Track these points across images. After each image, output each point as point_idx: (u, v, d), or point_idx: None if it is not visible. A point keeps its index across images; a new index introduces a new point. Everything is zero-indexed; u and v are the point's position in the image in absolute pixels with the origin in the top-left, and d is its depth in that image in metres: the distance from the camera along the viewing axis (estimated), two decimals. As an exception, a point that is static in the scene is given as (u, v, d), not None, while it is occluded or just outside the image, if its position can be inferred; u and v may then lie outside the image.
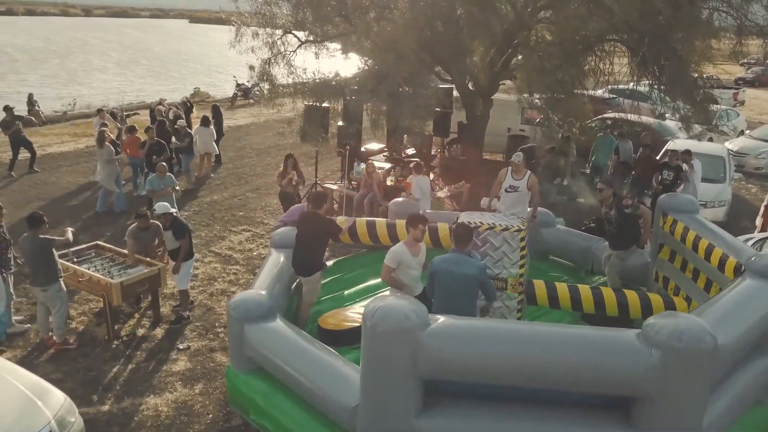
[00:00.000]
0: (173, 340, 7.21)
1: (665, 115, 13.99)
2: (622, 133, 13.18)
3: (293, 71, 11.29)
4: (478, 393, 4.45)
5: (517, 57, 11.78)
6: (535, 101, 11.61)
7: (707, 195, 10.82)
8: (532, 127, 13.29)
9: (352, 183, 11.89)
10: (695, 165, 10.60)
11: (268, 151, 16.46)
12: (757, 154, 15.71)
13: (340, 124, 11.77)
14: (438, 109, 13.42)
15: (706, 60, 9.70)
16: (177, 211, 7.79)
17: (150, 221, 7.57)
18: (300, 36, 11.77)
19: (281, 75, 11.47)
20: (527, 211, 7.86)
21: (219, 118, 15.19)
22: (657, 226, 7.18)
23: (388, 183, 11.33)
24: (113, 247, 8.03)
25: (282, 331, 5.33)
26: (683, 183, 10.42)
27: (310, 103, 11.16)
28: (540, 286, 6.54)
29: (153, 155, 10.89)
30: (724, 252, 5.90)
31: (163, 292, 8.00)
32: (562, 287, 6.59)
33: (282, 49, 11.50)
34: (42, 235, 6.60)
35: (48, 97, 26.01)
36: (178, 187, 10.52)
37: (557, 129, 12.29)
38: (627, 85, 12.62)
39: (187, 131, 13.28)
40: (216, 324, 7.57)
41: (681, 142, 12.67)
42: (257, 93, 23.68)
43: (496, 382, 4.25)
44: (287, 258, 6.84)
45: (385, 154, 13.22)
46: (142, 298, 7.81)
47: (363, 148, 13.00)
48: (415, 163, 10.10)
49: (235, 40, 11.44)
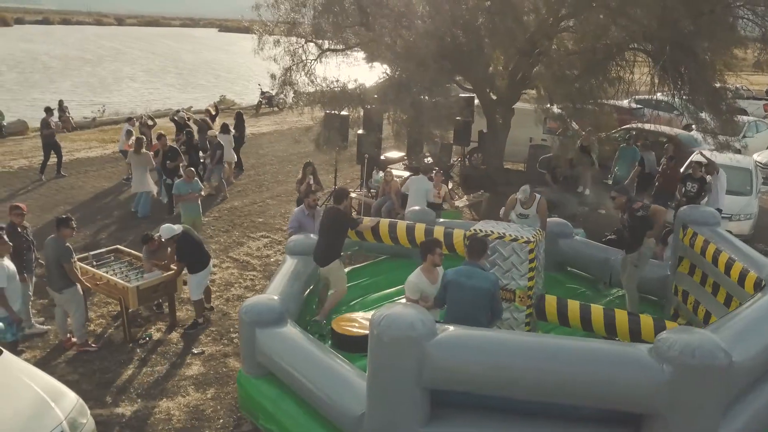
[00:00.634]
0: (188, 344, 7.28)
1: (692, 126, 13.77)
2: (645, 143, 12.98)
3: (313, 80, 11.37)
4: (486, 405, 4.40)
5: (538, 66, 11.71)
6: (556, 110, 11.53)
7: (733, 208, 10.58)
8: (554, 137, 13.19)
9: (371, 191, 11.93)
10: (720, 177, 10.38)
11: (290, 159, 16.59)
12: (788, 167, 15.32)
13: (360, 132, 11.83)
14: (459, 118, 13.41)
15: (730, 69, 9.51)
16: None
17: (156, 243, 7.58)
18: (321, 44, 11.87)
19: (302, 83, 11.57)
20: None
21: (241, 125, 15.36)
22: (677, 238, 7.04)
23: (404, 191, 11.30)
24: (132, 251, 8.15)
25: (292, 336, 5.35)
26: (707, 195, 10.21)
27: (329, 111, 11.23)
28: (551, 302, 6.36)
29: (167, 161, 11.06)
30: (744, 266, 5.75)
31: (180, 297, 8.08)
32: (574, 306, 6.28)
33: (303, 57, 11.61)
34: (67, 238, 6.74)
35: (79, 104, 26.66)
36: (203, 193, 10.65)
37: (576, 139, 12.19)
38: (652, 95, 12.48)
39: (219, 142, 13.32)
40: (231, 329, 7.62)
41: (706, 154, 12.42)
42: (281, 101, 23.89)
43: (502, 393, 4.19)
44: (302, 264, 6.90)
45: (405, 162, 13.21)
46: (162, 302, 7.89)
47: (382, 157, 13.03)
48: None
49: (258, 48, 11.59)
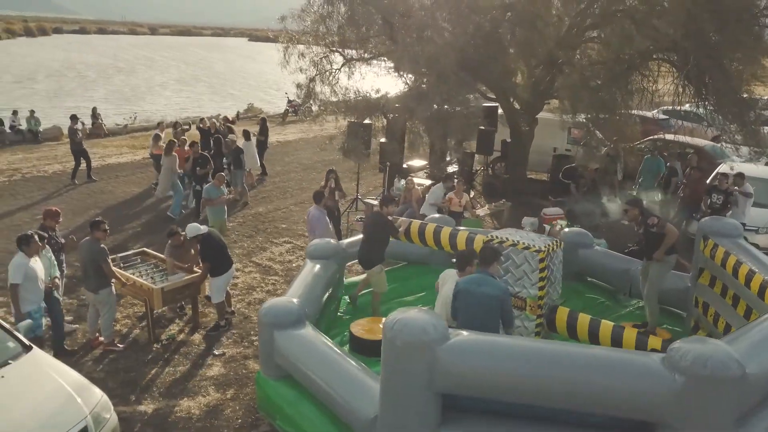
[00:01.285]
0: (210, 346, 7.44)
1: (721, 137, 13.61)
2: (672, 153, 12.87)
3: (337, 89, 11.56)
4: (498, 410, 4.44)
5: (561, 76, 11.73)
6: (579, 120, 11.51)
7: (759, 220, 10.41)
8: (578, 147, 13.15)
9: (394, 199, 12.03)
10: (747, 189, 10.24)
11: (314, 167, 16.80)
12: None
13: (382, 140, 11.96)
14: (482, 127, 13.46)
15: (757, 79, 9.40)
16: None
17: (182, 238, 7.79)
18: (345, 54, 12.07)
19: (326, 92, 11.77)
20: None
21: (265, 131, 15.66)
22: (697, 249, 6.98)
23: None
24: (158, 254, 8.38)
25: (309, 338, 5.45)
26: (732, 207, 10.07)
27: (352, 119, 11.40)
28: (562, 314, 6.32)
29: (197, 167, 11.34)
30: (765, 278, 5.69)
31: (203, 300, 8.27)
32: (584, 320, 6.17)
33: (327, 67, 11.80)
34: (101, 240, 6.99)
35: (111, 111, 27.40)
36: (231, 195, 10.90)
37: (601, 149, 12.14)
38: (678, 106, 12.37)
39: (238, 147, 13.66)
40: (251, 332, 7.76)
41: (733, 165, 12.25)
42: (306, 110, 24.22)
43: (512, 399, 4.23)
44: (321, 269, 7.03)
45: (427, 171, 13.30)
46: (184, 304, 8.09)
47: (405, 165, 13.14)
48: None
49: (284, 60, 11.83)
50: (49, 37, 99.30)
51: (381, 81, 12.19)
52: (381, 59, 12.27)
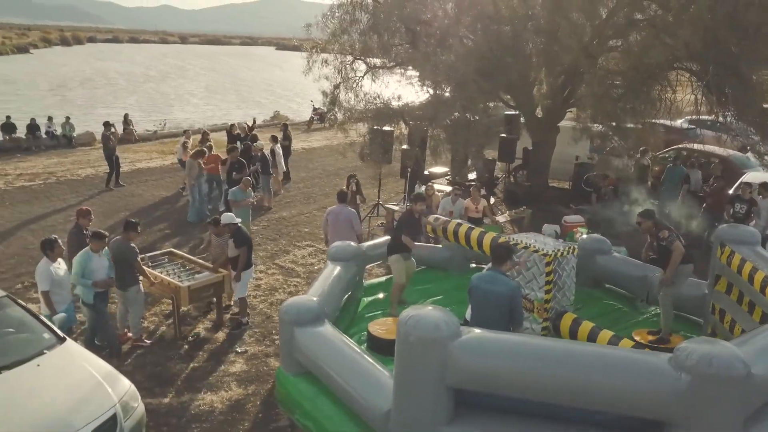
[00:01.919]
0: (233, 343, 7.69)
1: (747, 147, 13.51)
2: (692, 162, 12.84)
3: (360, 97, 11.81)
4: (509, 407, 4.57)
5: (582, 86, 11.81)
6: (600, 129, 11.58)
7: (782, 230, 10.31)
8: (601, 155, 13.17)
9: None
10: (769, 199, 10.18)
11: (338, 173, 17.07)
12: None
13: (404, 147, 12.16)
14: (503, 135, 13.58)
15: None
16: (241, 221, 8.32)
17: (221, 227, 8.14)
18: (368, 62, 12.32)
19: (349, 100, 12.02)
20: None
21: (288, 137, 16.03)
22: (714, 256, 7.00)
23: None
24: (185, 254, 8.68)
25: (328, 335, 5.65)
26: (755, 217, 10.02)
27: (374, 126, 11.63)
28: (567, 320, 6.41)
29: (233, 172, 11.70)
30: (780, 285, 5.72)
31: (226, 301, 8.54)
32: (585, 327, 6.26)
33: (351, 74, 12.07)
34: (133, 240, 7.31)
35: (142, 118, 28.14)
36: (255, 200, 11.19)
37: (623, 158, 12.16)
38: (708, 116, 12.36)
39: (264, 155, 13.96)
40: (273, 331, 7.98)
41: (758, 175, 12.16)
42: (331, 117, 24.57)
43: (522, 395, 4.35)
44: (342, 270, 7.24)
45: (448, 177, 13.45)
46: (212, 304, 8.38)
47: (427, 172, 13.31)
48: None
49: (308, 67, 12.14)
50: (84, 46, 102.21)
51: (403, 88, 12.41)
52: (403, 67, 12.49)
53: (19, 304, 5.98)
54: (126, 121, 22.55)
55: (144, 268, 7.56)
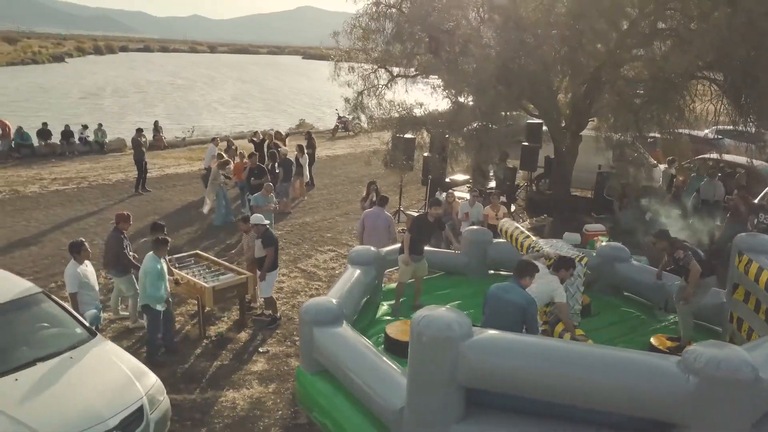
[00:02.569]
0: (255, 343, 7.91)
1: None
2: (711, 172, 12.78)
3: (383, 104, 12.02)
4: (523, 408, 4.67)
5: (604, 95, 11.85)
6: (622, 138, 11.60)
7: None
8: (625, 164, 13.14)
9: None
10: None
11: (361, 180, 17.28)
12: None
13: (425, 154, 12.33)
14: (525, 143, 13.66)
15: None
16: (270, 222, 8.60)
17: (249, 226, 8.41)
18: (391, 70, 12.54)
19: (373, 107, 12.25)
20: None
21: (312, 145, 16.33)
22: (732, 265, 7.01)
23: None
24: (210, 256, 8.96)
25: (345, 335, 5.82)
26: (779, 227, 9.94)
27: (396, 134, 11.82)
28: (558, 327, 6.55)
29: (253, 178, 11.98)
30: (796, 293, 5.72)
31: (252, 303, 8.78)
32: (567, 338, 6.43)
33: (375, 82, 12.30)
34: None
35: (171, 125, 28.82)
36: (276, 205, 11.45)
37: (647, 167, 12.15)
38: (724, 125, 12.30)
39: (288, 160, 14.31)
40: (294, 333, 8.19)
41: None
42: (356, 125, 24.90)
43: (532, 395, 4.46)
44: (361, 274, 7.42)
45: (469, 185, 13.56)
46: (250, 304, 8.66)
47: (448, 179, 13.45)
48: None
49: (334, 73, 12.41)
50: (116, 55, 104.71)
51: (425, 96, 12.59)
52: (425, 75, 12.68)
53: (53, 300, 6.28)
54: (156, 128, 23.15)
55: (172, 268, 7.84)
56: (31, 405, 4.92)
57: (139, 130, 16.20)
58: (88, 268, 7.11)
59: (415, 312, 4.77)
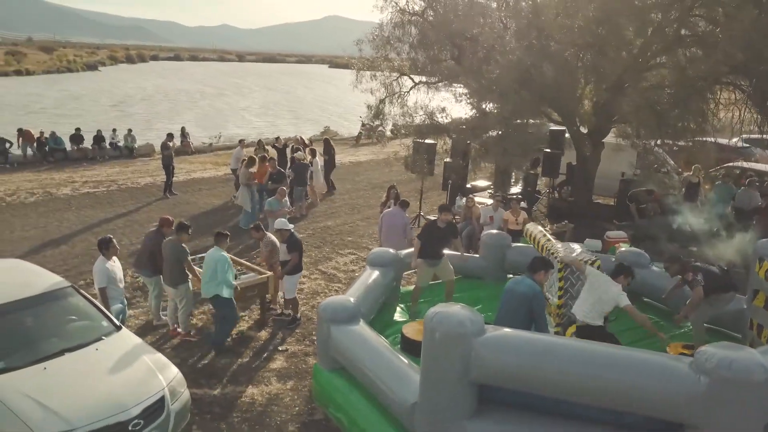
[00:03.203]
0: (275, 341, 8.06)
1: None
2: (751, 181, 12.61)
3: (405, 111, 12.15)
4: (534, 406, 4.72)
5: (627, 101, 11.80)
6: (645, 144, 11.54)
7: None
8: (648, 171, 13.07)
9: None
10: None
11: (382, 185, 17.39)
12: None
13: (447, 160, 12.42)
14: (547, 150, 13.66)
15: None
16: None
17: (262, 233, 8.56)
18: (414, 78, 12.68)
19: (395, 113, 12.40)
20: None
21: (330, 151, 16.54)
22: (752, 271, 6.93)
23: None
24: (232, 256, 9.14)
25: (361, 333, 5.92)
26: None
27: (417, 139, 11.94)
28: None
29: (270, 182, 12.21)
30: (817, 299, 5.65)
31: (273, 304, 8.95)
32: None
33: (397, 89, 12.45)
34: (184, 241, 7.80)
35: (198, 131, 29.38)
36: (290, 209, 11.66)
37: (671, 175, 12.06)
38: (751, 134, 12.15)
39: (303, 164, 14.51)
40: (313, 332, 8.31)
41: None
42: (380, 133, 25.10)
43: (543, 393, 4.50)
44: (379, 275, 7.53)
45: (490, 191, 13.59)
46: (272, 305, 8.83)
47: (469, 185, 13.50)
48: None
49: (356, 81, 12.60)
50: (147, 64, 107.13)
51: (447, 102, 12.70)
52: (448, 82, 12.79)
53: (81, 294, 6.51)
54: (183, 133, 23.65)
55: (193, 267, 8.04)
56: (58, 393, 5.11)
57: (170, 135, 16.59)
58: (115, 264, 7.34)
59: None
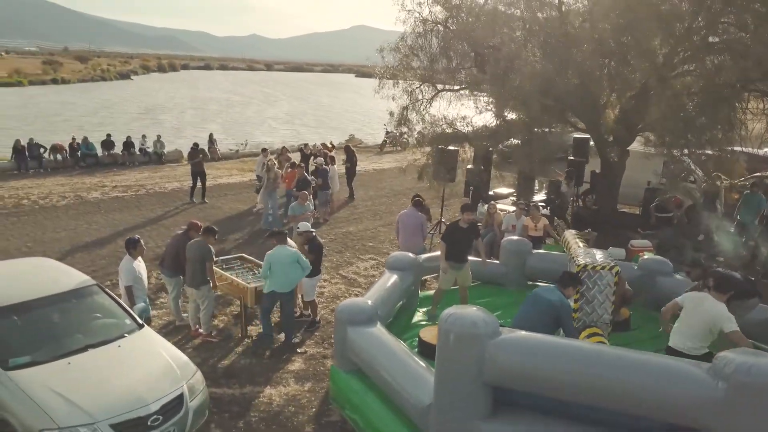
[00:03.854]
0: (294, 344, 8.13)
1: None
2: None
3: (427, 118, 12.20)
4: (549, 409, 4.69)
5: (652, 108, 11.67)
6: (671, 153, 11.39)
7: None
8: (673, 180, 12.86)
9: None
10: None
11: (405, 193, 17.49)
12: None
13: (469, 167, 12.41)
14: (572, 158, 13.56)
15: None
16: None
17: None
18: (436, 85, 12.73)
19: (417, 121, 12.45)
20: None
21: (352, 158, 16.65)
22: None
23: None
24: (255, 259, 9.28)
25: (377, 335, 5.95)
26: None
27: (438, 146, 11.97)
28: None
29: (296, 188, 12.37)
30: None
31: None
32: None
33: (420, 97, 12.51)
34: (210, 243, 7.94)
35: (225, 138, 29.84)
36: (312, 214, 11.76)
37: (698, 184, 11.87)
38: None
39: (323, 169, 14.67)
40: (332, 335, 8.31)
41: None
42: (404, 141, 25.16)
43: (558, 396, 4.47)
44: (398, 279, 7.57)
45: (513, 198, 13.53)
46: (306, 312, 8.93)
47: (492, 192, 13.47)
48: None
49: (379, 87, 12.71)
50: (178, 73, 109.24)
51: (469, 110, 12.71)
52: (469, 90, 12.80)
53: (106, 292, 6.67)
54: (210, 140, 24.06)
55: (214, 269, 8.16)
56: (81, 387, 5.24)
57: (196, 145, 16.90)
58: (140, 264, 7.52)
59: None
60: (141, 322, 6.48)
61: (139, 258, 7.56)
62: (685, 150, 11.33)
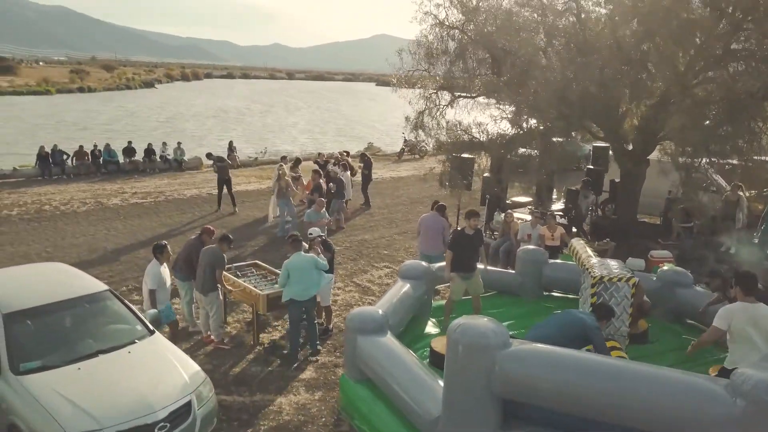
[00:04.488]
0: (305, 351, 8.07)
1: None
2: None
3: (443, 124, 12.14)
4: (564, 424, 4.57)
5: (672, 116, 11.47)
6: (691, 162, 11.17)
7: None
8: (693, 190, 12.61)
9: (494, 233, 12.28)
10: None
11: (422, 201, 17.42)
12: None
13: (485, 175, 12.31)
14: (590, 167, 13.37)
15: None
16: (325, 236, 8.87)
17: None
18: (453, 91, 12.67)
19: (433, 126, 12.40)
20: None
21: (368, 166, 16.63)
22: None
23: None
24: (268, 266, 9.27)
25: (387, 344, 5.88)
26: None
27: (454, 153, 11.89)
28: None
29: (313, 194, 12.39)
30: None
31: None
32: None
33: (436, 102, 12.46)
34: (224, 252, 7.96)
35: (245, 145, 30.10)
36: (328, 220, 11.75)
37: (720, 193, 11.62)
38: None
39: (340, 179, 14.65)
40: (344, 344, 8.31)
41: None
42: (422, 149, 25.15)
43: (570, 410, 4.35)
44: (410, 287, 7.49)
45: (530, 207, 13.38)
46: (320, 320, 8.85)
47: (509, 200, 13.33)
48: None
49: (395, 87, 12.73)
50: (201, 81, 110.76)
51: (484, 117, 12.63)
52: (486, 96, 12.72)
53: (118, 298, 6.70)
54: (230, 147, 24.24)
55: (227, 275, 8.16)
56: (90, 392, 5.25)
57: (209, 155, 17.06)
58: (166, 270, 7.58)
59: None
60: (152, 328, 6.49)
61: (165, 264, 7.62)
62: (705, 159, 11.10)
